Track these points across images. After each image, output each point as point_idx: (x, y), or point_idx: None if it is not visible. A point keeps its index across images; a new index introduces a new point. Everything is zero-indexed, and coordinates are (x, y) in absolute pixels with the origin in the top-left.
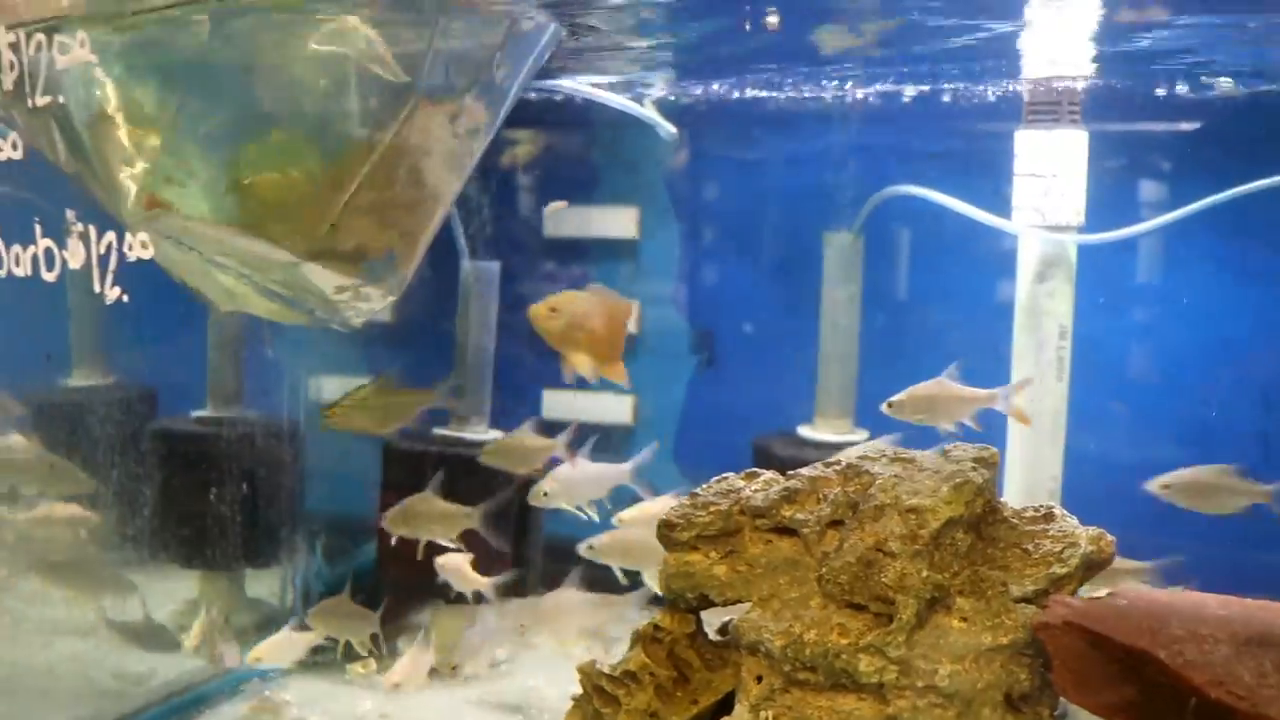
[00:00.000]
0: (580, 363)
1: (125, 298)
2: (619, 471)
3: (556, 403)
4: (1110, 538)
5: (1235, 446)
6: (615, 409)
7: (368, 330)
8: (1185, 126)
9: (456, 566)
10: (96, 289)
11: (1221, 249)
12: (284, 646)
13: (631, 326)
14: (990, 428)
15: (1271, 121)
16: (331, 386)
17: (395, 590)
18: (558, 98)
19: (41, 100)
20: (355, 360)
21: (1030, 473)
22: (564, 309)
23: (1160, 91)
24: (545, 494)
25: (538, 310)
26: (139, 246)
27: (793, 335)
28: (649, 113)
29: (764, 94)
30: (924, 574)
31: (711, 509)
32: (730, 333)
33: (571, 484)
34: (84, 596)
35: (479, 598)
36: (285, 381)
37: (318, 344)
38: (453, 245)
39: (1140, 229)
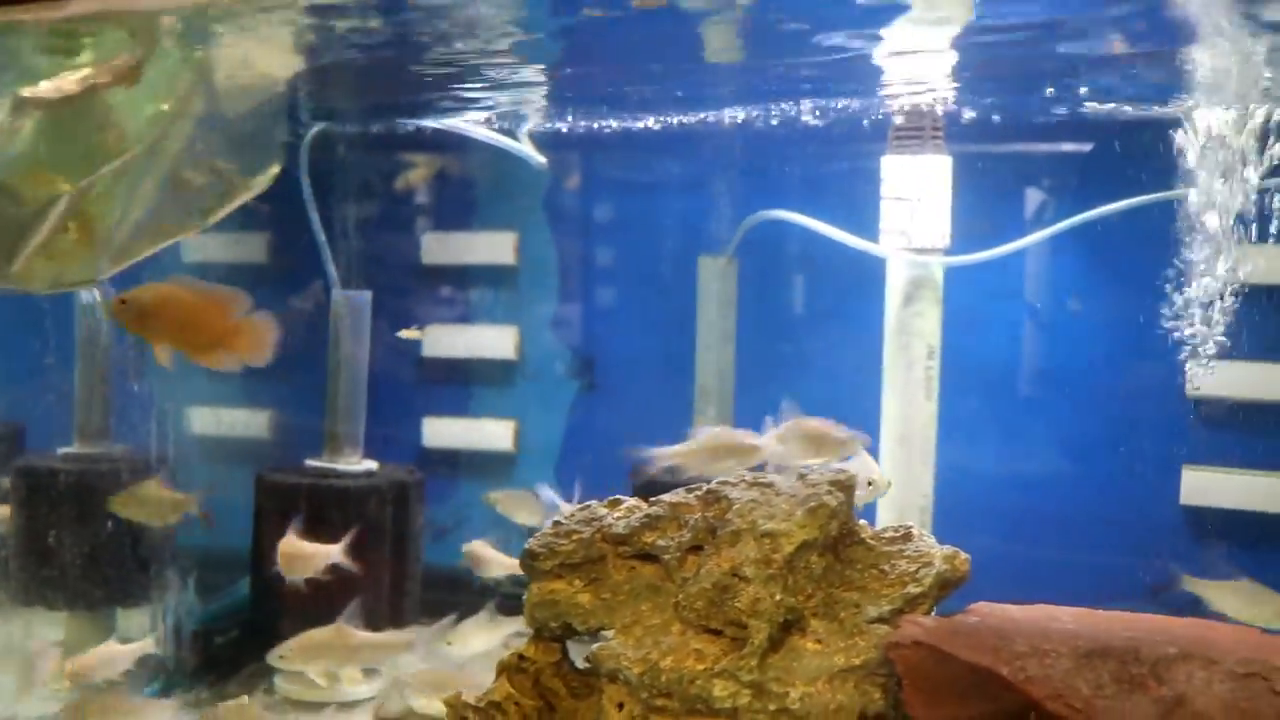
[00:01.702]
0: (160, 352)
1: None
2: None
3: (437, 430)
4: (964, 555)
5: (1102, 459)
6: (496, 435)
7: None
8: (1049, 148)
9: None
10: None
11: (1087, 268)
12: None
13: (509, 351)
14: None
15: (1133, 142)
16: (203, 418)
17: (270, 625)
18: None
19: None
20: (229, 392)
21: (902, 492)
22: (135, 300)
23: (1023, 115)
24: None
25: (110, 302)
26: None
27: (671, 358)
28: (519, 145)
29: (639, 123)
30: (777, 597)
31: (574, 537)
32: (610, 357)
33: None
34: None
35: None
36: (154, 415)
37: (189, 377)
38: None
39: (1004, 250)
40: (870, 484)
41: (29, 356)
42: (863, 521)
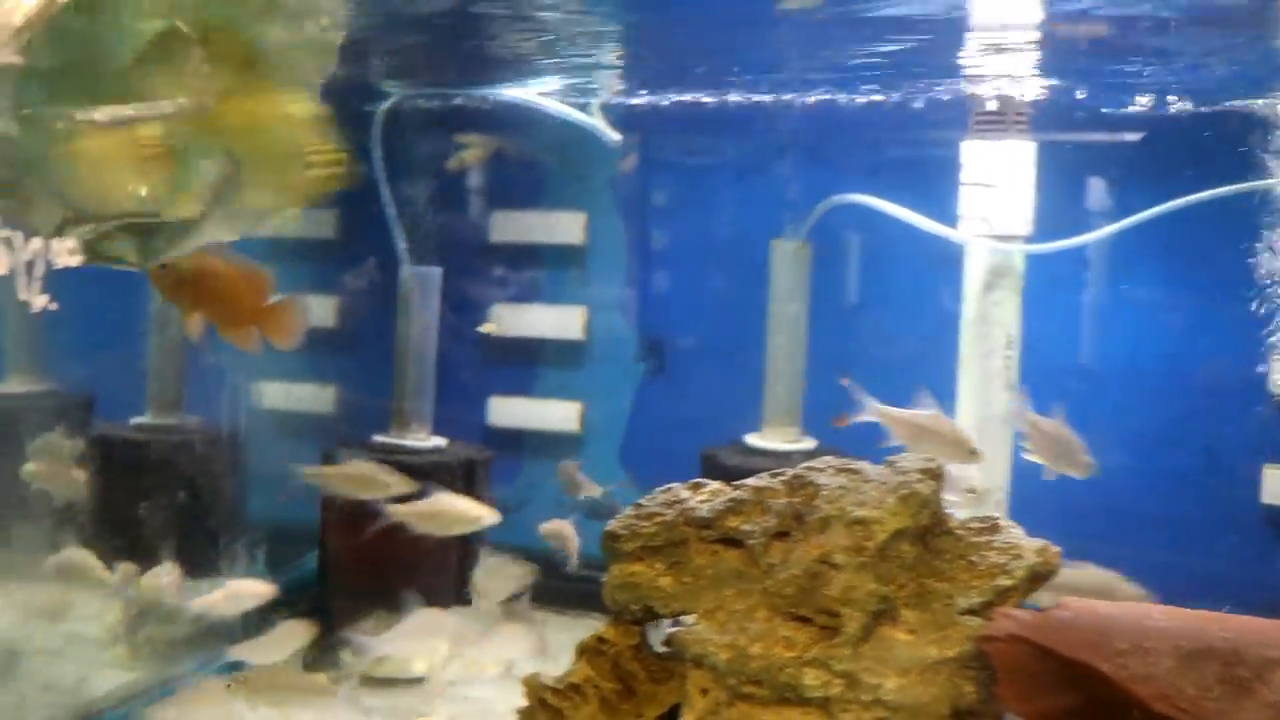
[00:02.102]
0: (191, 322)
1: (54, 305)
2: None
3: (502, 410)
4: (1055, 549)
5: (1180, 455)
6: (562, 416)
7: (312, 336)
8: (1133, 138)
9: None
10: (21, 296)
11: (1167, 260)
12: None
13: (577, 332)
14: None
15: (1217, 134)
16: (275, 392)
17: (340, 598)
18: (503, 102)
19: None
20: (299, 366)
21: (978, 482)
22: (174, 267)
23: (1108, 105)
24: None
25: (151, 267)
26: (65, 254)
27: (741, 343)
28: (592, 120)
29: (712, 99)
30: (870, 586)
31: (656, 519)
32: (678, 340)
33: None
34: None
35: None
36: (227, 388)
37: (261, 350)
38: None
39: (1086, 239)
40: (972, 492)
41: (102, 328)
42: (949, 511)
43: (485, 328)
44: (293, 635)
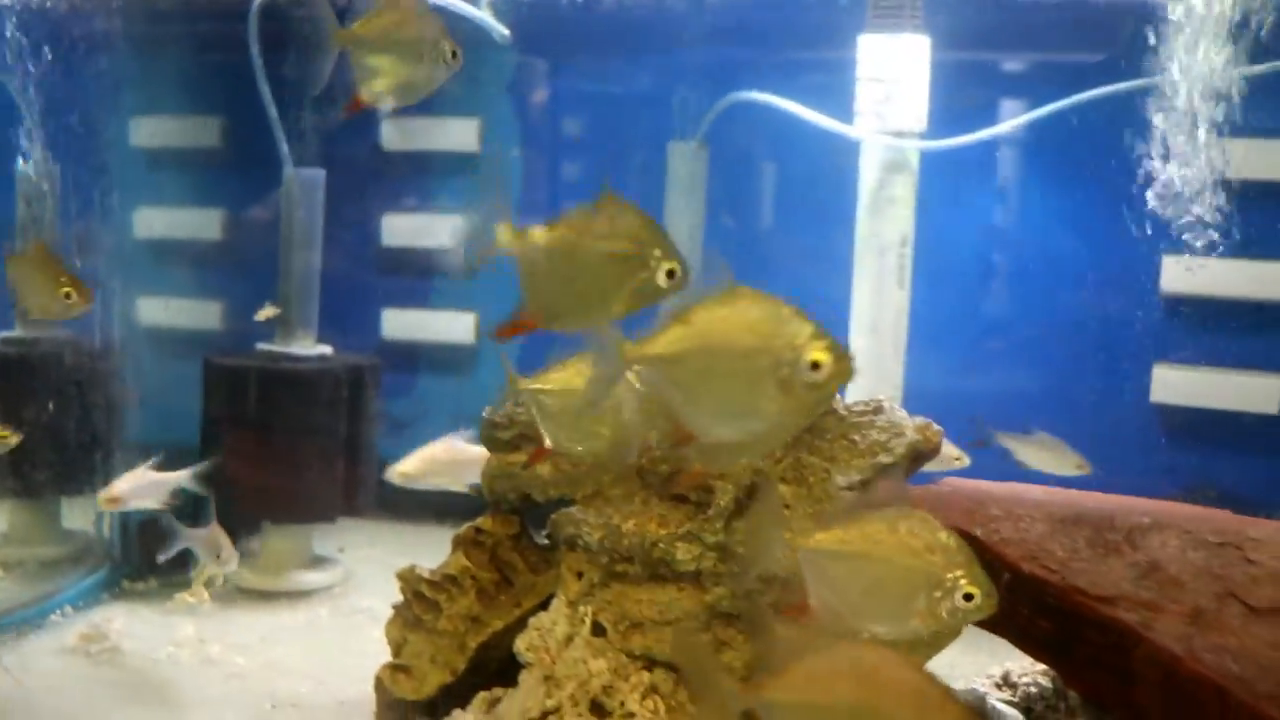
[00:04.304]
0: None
1: None
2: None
3: (397, 322)
4: (937, 427)
5: (1073, 355)
6: (457, 327)
7: (193, 247)
8: (1031, 31)
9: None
10: None
11: (1063, 158)
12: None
13: None
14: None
15: (1117, 26)
16: (152, 307)
17: (222, 516)
18: None
19: None
20: (180, 279)
21: (872, 382)
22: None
23: None
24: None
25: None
26: None
27: None
28: (481, 14)
29: None
30: (743, 461)
31: None
32: None
33: None
34: None
35: None
36: (100, 300)
37: (137, 261)
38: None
39: (980, 135)
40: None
41: None
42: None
43: (263, 314)
44: None
